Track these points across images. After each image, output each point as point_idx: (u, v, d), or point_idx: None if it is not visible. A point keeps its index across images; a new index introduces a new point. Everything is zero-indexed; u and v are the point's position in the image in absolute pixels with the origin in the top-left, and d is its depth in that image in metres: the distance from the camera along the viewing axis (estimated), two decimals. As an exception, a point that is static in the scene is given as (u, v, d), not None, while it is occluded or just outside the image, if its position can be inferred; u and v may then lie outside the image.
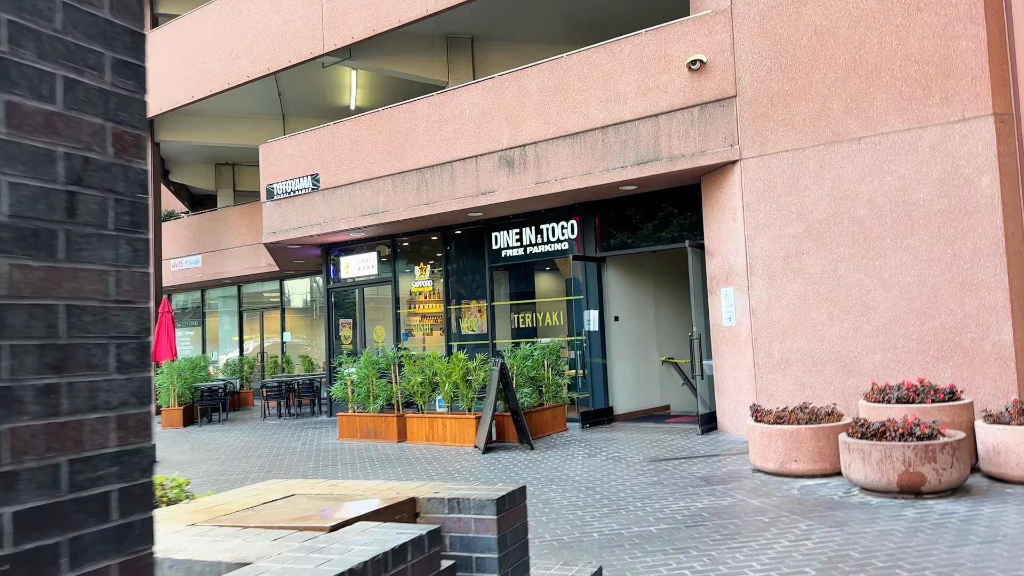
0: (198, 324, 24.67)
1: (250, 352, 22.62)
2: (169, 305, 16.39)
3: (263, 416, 16.10)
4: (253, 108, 18.22)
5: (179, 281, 22.46)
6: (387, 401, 11.42)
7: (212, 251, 21.35)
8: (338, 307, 15.89)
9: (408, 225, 13.58)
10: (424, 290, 14.31)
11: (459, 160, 12.25)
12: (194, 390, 15.47)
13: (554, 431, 11.27)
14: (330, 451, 10.65)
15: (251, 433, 13.29)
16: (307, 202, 14.28)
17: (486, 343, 13.26)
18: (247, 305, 23.06)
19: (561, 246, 12.45)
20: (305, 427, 13.77)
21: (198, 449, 11.57)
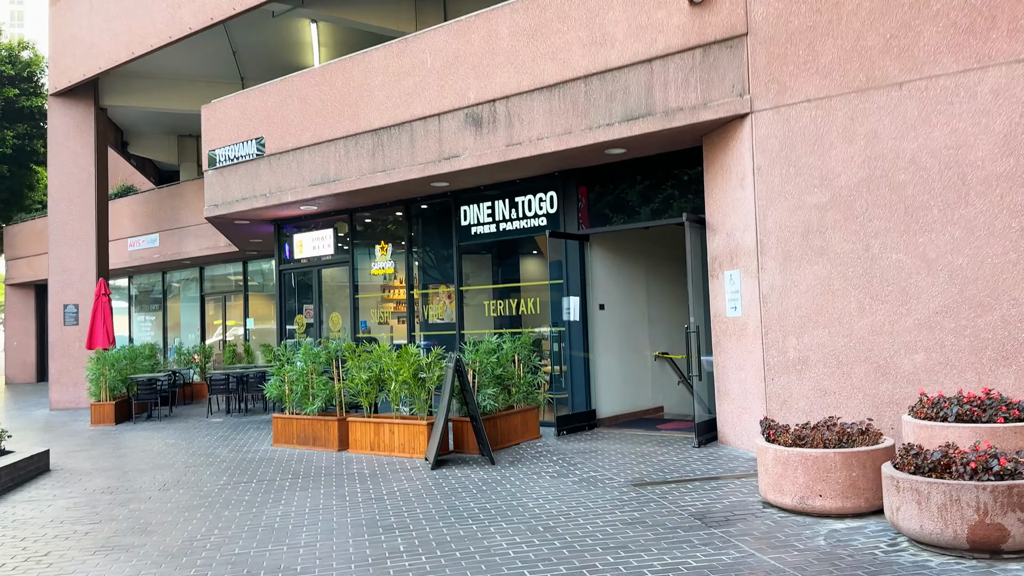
0: (159, 308, 22.95)
1: (216, 340, 20.90)
2: (107, 287, 14.65)
3: (208, 412, 14.37)
4: (207, 70, 16.40)
5: (137, 262, 20.72)
6: (328, 402, 9.69)
7: (170, 229, 19.60)
8: (300, 291, 14.15)
9: (365, 197, 11.81)
10: (385, 272, 12.56)
11: (419, 119, 10.45)
12: (130, 382, 13.74)
13: (524, 439, 9.54)
14: (255, 462, 8.92)
15: (183, 434, 11.57)
16: (252, 170, 12.50)
17: (454, 334, 11.52)
18: (210, 288, 21.32)
19: (539, 222, 10.68)
20: (246, 427, 12.05)
21: (109, 455, 9.85)
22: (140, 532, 5.92)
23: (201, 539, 5.66)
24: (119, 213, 21.43)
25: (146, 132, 21.85)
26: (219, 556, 5.23)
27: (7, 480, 7.55)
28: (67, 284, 16.16)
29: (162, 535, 5.81)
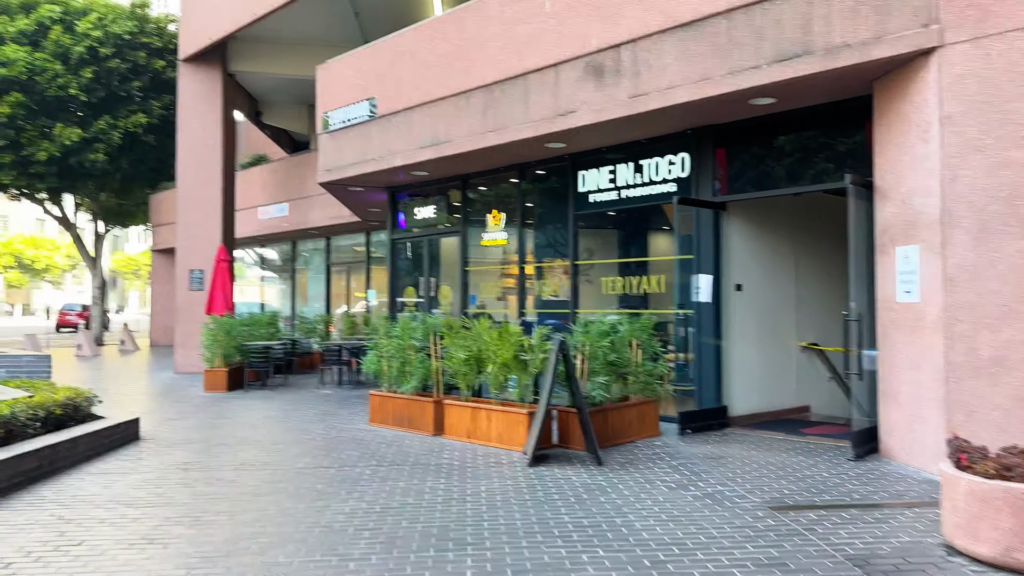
0: (289, 277, 23.26)
1: (350, 310, 20.88)
2: (227, 253, 14.60)
3: (320, 383, 14.06)
4: (329, 33, 15.99)
5: (268, 230, 20.98)
6: (425, 381, 8.86)
7: (298, 199, 19.62)
8: (412, 262, 13.49)
9: (476, 161, 10.86)
10: (497, 244, 11.59)
11: (535, 71, 9.34)
12: (244, 350, 13.61)
13: (640, 436, 8.31)
14: (344, 443, 8.23)
15: (287, 406, 11.18)
16: (363, 133, 11.85)
17: (568, 312, 10.40)
18: (335, 259, 21.29)
19: (667, 188, 9.33)
20: (352, 402, 11.52)
21: (204, 425, 9.52)
22: (190, 523, 5.25)
23: (248, 538, 4.91)
24: (251, 182, 21.77)
25: (278, 102, 22.01)
26: (257, 563, 4.43)
27: (85, 449, 7.21)
28: (193, 249, 16.37)
29: (210, 529, 5.11)
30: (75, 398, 7.82)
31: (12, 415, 6.61)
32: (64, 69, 21.14)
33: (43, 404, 7.21)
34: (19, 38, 21.15)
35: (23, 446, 6.38)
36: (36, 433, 6.96)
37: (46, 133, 21.59)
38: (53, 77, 21.00)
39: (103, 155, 22.08)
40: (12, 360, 10.56)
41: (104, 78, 21.78)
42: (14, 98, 20.67)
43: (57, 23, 21.49)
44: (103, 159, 22.09)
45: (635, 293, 9.86)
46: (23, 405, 6.93)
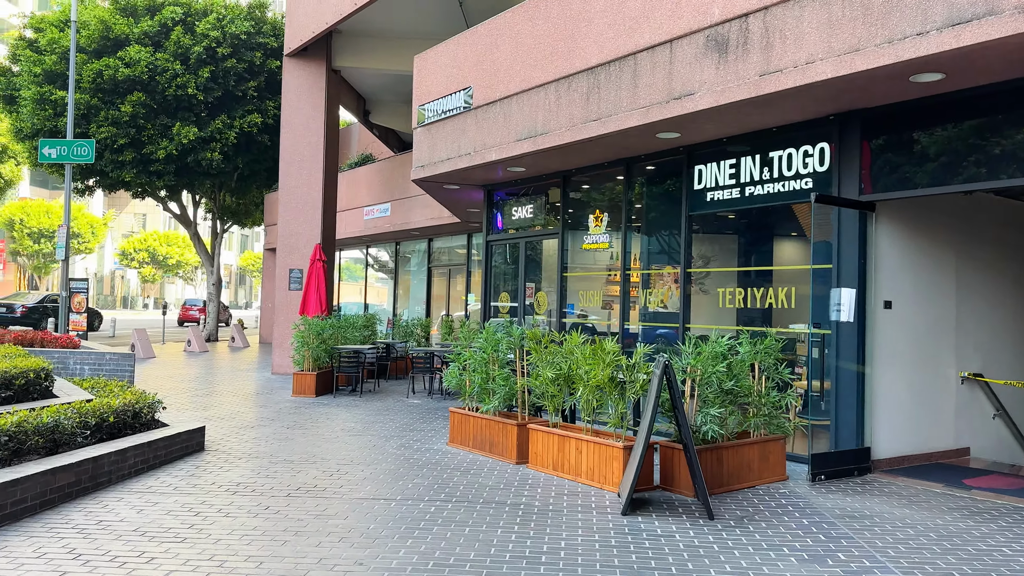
0: (391, 279, 22.90)
1: (449, 314, 20.26)
2: (322, 253, 14.16)
3: (410, 391, 13.33)
4: (433, 25, 15.31)
5: (372, 231, 20.63)
6: (509, 400, 7.84)
7: (400, 199, 19.13)
8: (508, 266, 12.55)
9: (578, 155, 9.77)
10: (599, 247, 10.44)
11: (645, 50, 8.15)
12: (334, 353, 13.07)
13: (762, 480, 6.96)
14: (415, 467, 7.33)
15: (369, 416, 10.45)
16: (458, 125, 10.99)
17: (677, 327, 9.13)
18: (436, 261, 20.70)
19: (801, 184, 7.92)
20: (436, 415, 10.67)
21: (276, 436, 8.88)
22: (206, 574, 4.44)
23: (268, 597, 4.03)
24: (357, 182, 21.53)
25: (386, 101, 21.68)
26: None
27: (137, 461, 6.61)
28: (293, 248, 16.08)
29: (230, 579, 4.27)
30: (135, 403, 7.29)
31: (56, 424, 6.07)
32: (183, 69, 21.60)
33: (96, 410, 6.68)
34: (142, 39, 21.78)
35: (59, 459, 5.80)
36: (84, 443, 6.42)
37: (165, 132, 22.14)
38: (173, 77, 21.48)
39: (219, 154, 22.44)
40: (96, 358, 10.34)
41: (221, 78, 22.13)
42: (136, 97, 21.27)
43: (178, 24, 22.00)
44: (219, 158, 22.44)
45: (758, 307, 8.47)
46: (72, 411, 6.41)
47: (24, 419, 5.80)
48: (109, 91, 21.55)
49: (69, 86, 18.58)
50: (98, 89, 21.46)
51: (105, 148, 21.94)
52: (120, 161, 22.25)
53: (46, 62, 21.96)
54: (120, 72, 21.02)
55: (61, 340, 11.08)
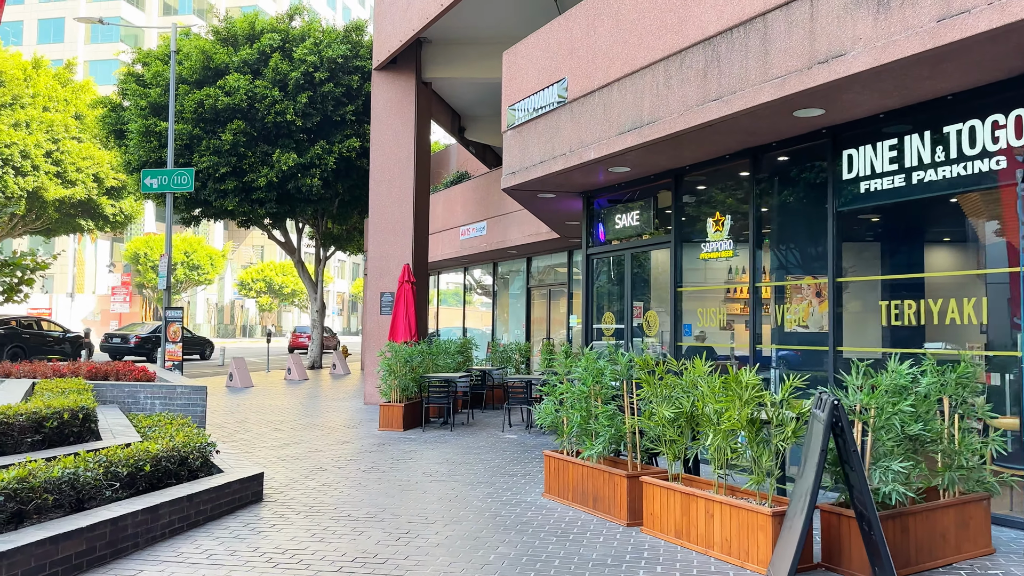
0: (490, 302, 21.79)
1: (549, 338, 18.94)
2: (411, 274, 13.15)
3: (506, 424, 12.02)
4: (528, 26, 14.17)
5: (469, 251, 19.62)
6: (616, 444, 6.37)
7: (496, 216, 18.03)
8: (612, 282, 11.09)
9: (693, 147, 8.25)
10: (721, 256, 8.82)
11: (778, 7, 6.60)
12: (423, 382, 11.95)
13: (961, 555, 5.17)
14: (502, 528, 5.97)
15: (458, 456, 9.20)
16: (551, 124, 9.70)
17: (823, 351, 7.40)
18: (536, 281, 19.42)
19: (989, 165, 6.12)
20: (532, 455, 9.30)
21: (348, 482, 7.74)
22: None
23: None
24: (452, 201, 20.64)
25: (480, 115, 20.75)
26: None
27: (173, 519, 5.56)
28: (384, 271, 15.20)
29: None
30: (182, 447, 6.30)
31: (75, 477, 5.10)
32: (282, 95, 21.44)
33: (130, 458, 5.69)
34: (242, 67, 21.80)
35: (69, 522, 4.79)
36: (115, 497, 5.44)
37: (266, 159, 22.02)
38: (271, 104, 21.35)
39: (319, 180, 22.12)
40: (167, 391, 9.59)
41: (319, 103, 21.86)
42: (236, 125, 21.24)
43: (276, 50, 21.93)
44: (319, 184, 22.13)
45: (933, 324, 6.66)
46: (99, 460, 5.44)
47: (32, 472, 4.84)
48: (210, 120, 21.64)
49: (169, 116, 18.63)
50: (200, 119, 21.59)
51: (208, 178, 22.03)
52: (223, 190, 22.28)
53: (151, 95, 22.34)
54: (220, 101, 21.05)
55: (135, 372, 10.46)
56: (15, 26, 64.33)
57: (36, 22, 64.54)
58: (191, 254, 58.69)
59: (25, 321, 23.66)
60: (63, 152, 34.32)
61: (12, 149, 32.21)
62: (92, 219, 37.39)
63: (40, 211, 35.18)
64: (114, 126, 24.47)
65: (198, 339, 32.51)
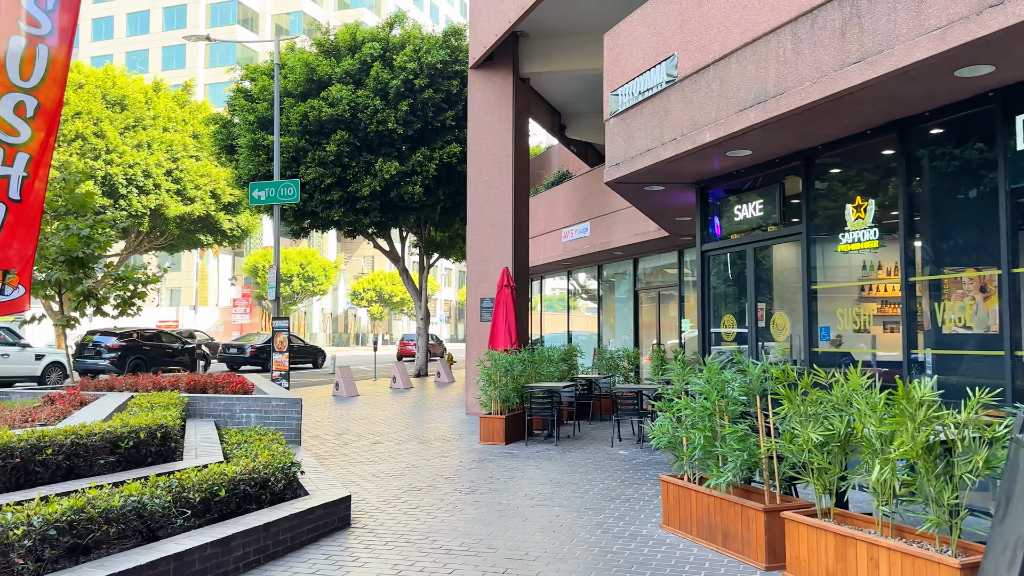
0: (595, 306, 20.88)
1: (660, 344, 17.90)
2: (510, 278, 12.48)
3: (615, 438, 11.12)
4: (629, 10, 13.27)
5: (572, 254, 18.84)
6: (749, 470, 5.40)
7: (600, 216, 17.17)
8: (731, 281, 10.03)
9: (826, 122, 7.15)
10: (863, 247, 7.64)
11: (935, -56, 5.48)
12: (524, 392, 11.23)
13: None
14: (616, 570, 5.13)
15: (561, 475, 8.41)
16: (658, 107, 8.78)
17: (998, 356, 6.16)
18: (643, 284, 18.38)
19: None
20: (647, 475, 8.38)
21: (443, 505, 7.10)
22: None
23: None
24: (553, 203, 19.92)
25: (581, 112, 19.94)
26: None
27: (247, 551, 5.03)
28: (484, 276, 14.61)
29: None
30: (263, 469, 5.81)
31: (140, 504, 4.65)
32: (383, 104, 21.37)
33: (205, 482, 5.22)
34: (344, 78, 21.88)
35: (127, 558, 4.30)
36: (186, 526, 4.97)
37: (369, 168, 22.01)
38: (373, 113, 21.30)
39: (420, 187, 21.92)
40: (262, 404, 9.28)
41: (420, 110, 21.66)
42: (339, 136, 21.31)
43: (377, 59, 21.90)
44: (420, 191, 21.92)
45: None
46: (167, 486, 4.98)
47: (91, 501, 4.41)
48: (315, 132, 21.82)
49: (275, 128, 18.83)
50: (305, 131, 21.80)
51: (315, 189, 22.21)
52: (328, 201, 22.43)
53: (258, 109, 22.77)
54: (324, 112, 21.17)
55: (232, 385, 10.25)
56: (141, 54, 68.68)
57: (160, 49, 68.65)
58: (306, 266, 60.68)
59: (146, 333, 24.59)
60: (182, 170, 35.93)
61: (135, 169, 33.96)
62: (211, 234, 38.98)
63: (163, 228, 36.95)
64: (225, 142, 25.17)
65: (310, 348, 33.16)
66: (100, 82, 35.29)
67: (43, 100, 6.36)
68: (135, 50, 69.06)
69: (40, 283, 14.01)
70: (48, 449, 5.32)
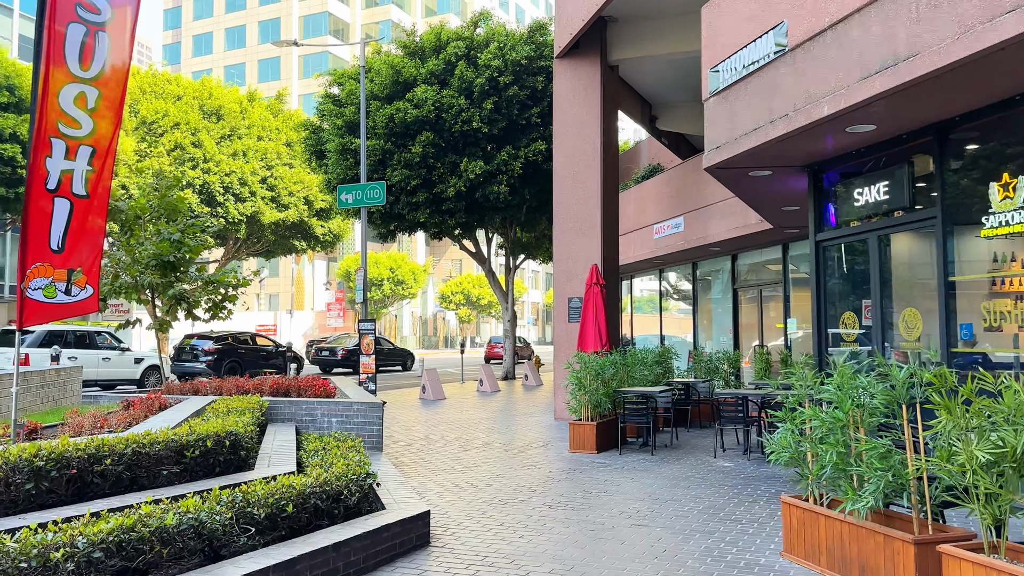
0: (690, 306, 19.85)
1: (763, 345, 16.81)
2: (599, 275, 11.76)
3: (718, 448, 10.25)
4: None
5: (663, 251, 17.93)
6: (890, 495, 4.54)
7: (695, 210, 16.21)
8: (849, 275, 9.01)
9: (968, 88, 6.16)
10: (1014, 230, 6.57)
11: None
12: (617, 397, 10.50)
13: None
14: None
15: (660, 489, 7.67)
16: (766, 81, 7.91)
17: None
18: (743, 281, 17.29)
19: None
20: (758, 490, 7.53)
21: (531, 522, 6.48)
22: None
23: None
24: (644, 198, 19.05)
25: (673, 103, 19.01)
26: None
27: (315, 573, 4.54)
28: (571, 275, 13.94)
29: None
30: (335, 481, 5.34)
31: (197, 522, 4.23)
32: (467, 103, 21.02)
33: (272, 496, 4.78)
34: (429, 79, 21.65)
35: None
36: (250, 544, 4.53)
37: (454, 169, 21.71)
38: (458, 112, 20.99)
39: (505, 187, 21.46)
40: (343, 408, 8.91)
41: (504, 108, 21.21)
42: (425, 137, 21.08)
43: (462, 59, 21.58)
44: (505, 191, 21.46)
45: None
46: (232, 500, 4.56)
47: (142, 519, 4.01)
48: (400, 134, 21.67)
49: (361, 131, 18.75)
50: (391, 133, 21.68)
51: (401, 191, 22.08)
52: (414, 203, 22.25)
53: (345, 113, 22.82)
54: (409, 114, 20.99)
55: (315, 388, 9.95)
56: (239, 68, 71.30)
57: (256, 63, 71.09)
58: (396, 270, 61.45)
59: (241, 337, 25.05)
60: (276, 178, 36.76)
61: (232, 177, 34.94)
62: (304, 239, 39.78)
63: (259, 234, 37.92)
64: (315, 147, 25.41)
65: (399, 351, 33.26)
66: (197, 93, 36.50)
67: (105, 91, 6.14)
68: (233, 64, 71.78)
69: (133, 287, 14.23)
70: (107, 459, 5.00)
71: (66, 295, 6.05)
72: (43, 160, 5.79)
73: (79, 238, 6.03)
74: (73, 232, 5.99)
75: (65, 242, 5.99)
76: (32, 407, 10.48)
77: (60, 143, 5.86)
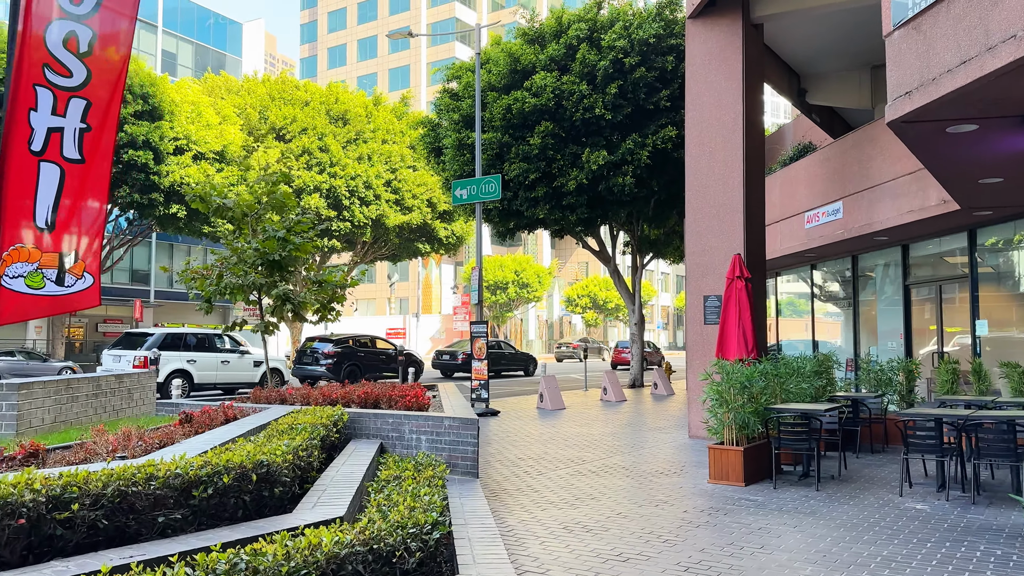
0: (848, 306, 17.25)
1: (945, 351, 14.17)
2: (742, 267, 9.80)
3: (904, 484, 8.08)
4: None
5: (816, 243, 15.57)
6: None
7: (856, 193, 13.84)
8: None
9: None
10: None
11: None
12: (769, 416, 8.54)
13: None
14: None
15: (837, 543, 5.75)
16: (975, 2, 5.81)
17: None
18: (917, 276, 14.64)
19: None
20: (979, 555, 5.46)
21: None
22: None
23: None
24: (792, 182, 16.70)
25: (826, 72, 16.61)
26: None
27: None
28: (707, 269, 11.99)
29: None
30: (386, 536, 3.89)
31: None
32: (589, 89, 19.40)
33: (283, 565, 3.38)
34: (549, 65, 20.20)
35: None
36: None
37: (575, 160, 20.13)
38: (579, 99, 19.40)
39: (631, 178, 19.63)
40: (433, 424, 7.52)
41: (630, 92, 19.41)
42: (544, 127, 19.64)
43: (584, 41, 19.98)
44: (631, 182, 19.63)
45: None
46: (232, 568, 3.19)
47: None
48: (518, 126, 20.33)
49: (476, 122, 17.58)
50: (508, 125, 20.38)
51: (519, 186, 20.74)
52: (533, 198, 20.85)
53: (462, 107, 21.74)
54: (527, 103, 19.62)
55: (407, 398, 8.63)
56: (371, 78, 72.93)
57: (386, 72, 72.48)
58: (520, 272, 60.51)
59: (361, 340, 24.53)
60: (400, 180, 36.52)
61: (357, 181, 34.94)
62: (428, 242, 39.39)
63: (384, 238, 37.83)
64: (432, 144, 24.56)
65: (521, 355, 32.01)
66: (324, 99, 36.87)
67: (100, 31, 4.98)
68: (365, 74, 73.53)
69: (239, 288, 13.60)
70: (75, 503, 3.77)
71: (58, 285, 4.94)
72: (26, 114, 4.73)
73: (73, 213, 4.92)
74: (65, 206, 4.88)
75: (56, 218, 4.88)
76: (79, 419, 9.43)
77: (47, 93, 4.78)
